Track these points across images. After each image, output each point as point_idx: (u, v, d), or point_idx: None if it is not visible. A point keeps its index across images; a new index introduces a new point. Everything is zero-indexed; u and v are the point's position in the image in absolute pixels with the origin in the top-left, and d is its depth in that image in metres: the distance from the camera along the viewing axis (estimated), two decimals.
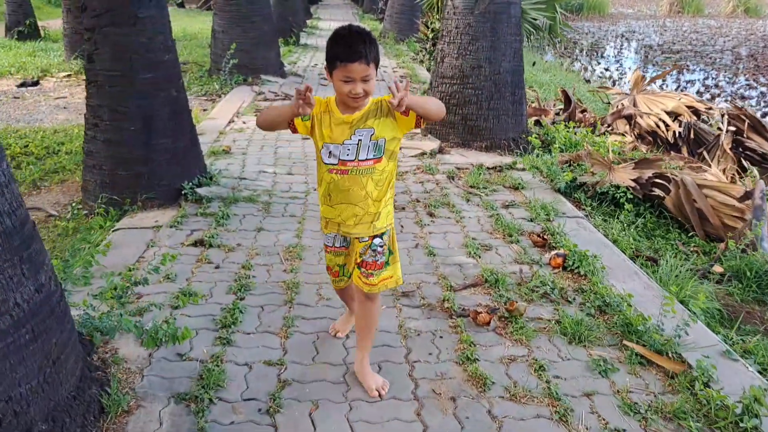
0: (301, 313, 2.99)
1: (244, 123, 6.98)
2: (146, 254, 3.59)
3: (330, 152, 2.21)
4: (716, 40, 24.66)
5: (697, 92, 14.92)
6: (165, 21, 4.32)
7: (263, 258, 3.58)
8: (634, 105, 7.92)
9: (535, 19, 10.54)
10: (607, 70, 16.39)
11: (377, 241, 2.34)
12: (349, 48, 2.07)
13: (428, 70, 11.80)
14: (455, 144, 5.83)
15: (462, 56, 5.72)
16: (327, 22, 21.89)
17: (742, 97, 13.78)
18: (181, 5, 28.62)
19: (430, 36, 12.18)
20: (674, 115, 7.44)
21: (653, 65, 17.56)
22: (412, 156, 5.63)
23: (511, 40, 5.72)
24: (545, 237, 3.88)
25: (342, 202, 2.27)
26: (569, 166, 5.08)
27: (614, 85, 14.42)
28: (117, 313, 2.59)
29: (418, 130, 6.30)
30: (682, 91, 14.75)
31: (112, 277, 3.15)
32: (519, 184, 4.89)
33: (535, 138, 5.41)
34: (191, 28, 17.63)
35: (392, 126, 2.22)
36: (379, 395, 2.42)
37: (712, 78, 16.72)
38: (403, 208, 4.42)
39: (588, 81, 14.54)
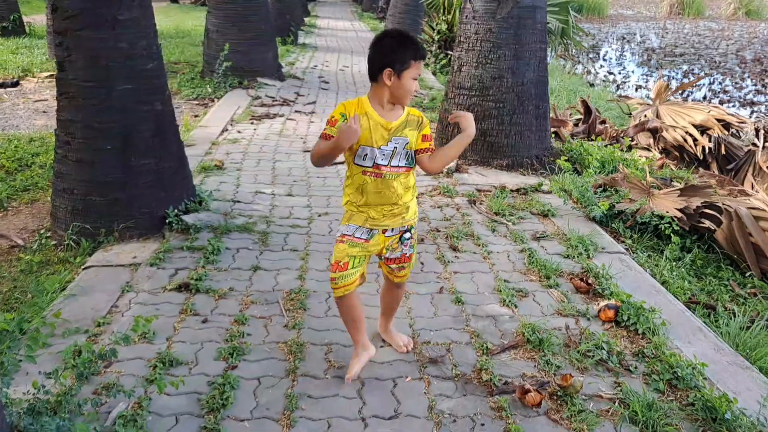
0: (307, 389, 2.43)
1: (239, 132, 6.41)
2: (120, 302, 3.01)
3: (366, 155, 2.25)
4: (719, 43, 24.53)
5: (704, 98, 14.60)
6: (149, 23, 3.74)
7: (260, 308, 3.02)
8: (658, 116, 7.40)
9: (548, 23, 10.00)
10: (610, 73, 15.98)
11: (407, 235, 2.44)
12: (420, 47, 2.20)
13: (434, 74, 11.27)
14: (473, 162, 5.28)
15: (482, 65, 5.16)
16: (325, 20, 21.32)
17: (752, 103, 13.48)
18: (175, 0, 27.96)
19: (436, 38, 11.65)
20: (702, 129, 6.93)
21: (657, 69, 17.19)
22: (427, 175, 5.08)
23: (536, 48, 5.18)
24: (588, 281, 3.33)
25: (374, 203, 2.32)
26: (603, 191, 4.53)
27: (618, 89, 14.00)
28: (75, 402, 2.02)
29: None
30: (688, 96, 14.37)
31: (76, 334, 2.60)
32: (548, 210, 4.34)
33: (565, 161, 4.87)
34: (184, 25, 17.01)
35: (417, 138, 2.30)
36: (407, 350, 2.69)
37: (719, 83, 16.40)
38: (422, 240, 3.86)
39: (592, 85, 14.11)
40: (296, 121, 7.06)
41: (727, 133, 6.95)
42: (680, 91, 10.10)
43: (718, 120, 6.93)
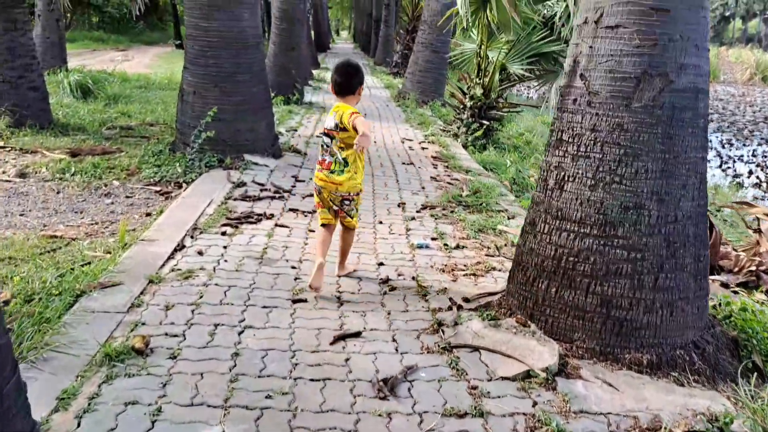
0: None
1: (200, 254, 4.20)
2: None
3: None
4: (744, 110, 23.90)
5: (749, 173, 13.09)
6: None
7: None
8: None
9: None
10: None
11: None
12: None
13: (464, 146, 9.18)
14: (588, 352, 3.02)
15: (604, 185, 2.98)
16: None
17: None
18: (180, 46, 26.43)
19: (469, 104, 9.59)
20: None
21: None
22: (508, 379, 2.83)
23: (696, 159, 3.02)
24: None
25: None
26: None
27: None
28: None
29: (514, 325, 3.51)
30: (727, 169, 12.73)
31: None
32: None
33: None
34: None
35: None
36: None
37: (762, 155, 14.99)
38: None
39: None
40: (289, 230, 4.87)
41: None
42: None
43: None
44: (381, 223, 5.21)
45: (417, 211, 5.61)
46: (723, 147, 15.66)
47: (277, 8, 11.83)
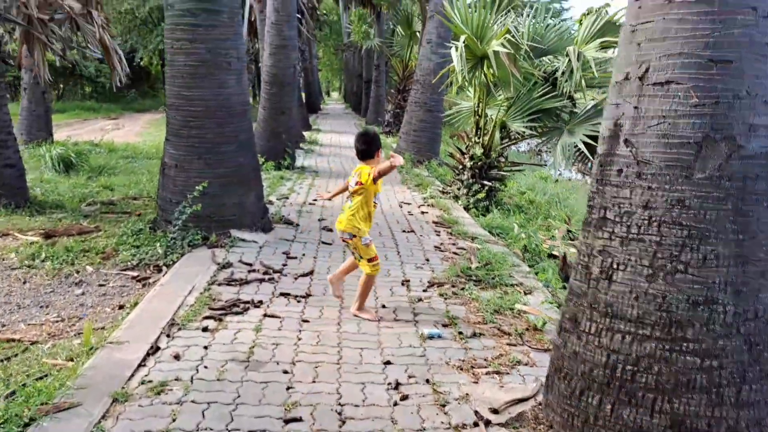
0: None
1: (176, 358, 3.58)
2: None
3: (378, 196, 4.34)
4: None
5: None
6: None
7: None
8: None
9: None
10: None
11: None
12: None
13: (466, 209, 8.68)
14: None
15: (665, 274, 2.42)
16: (328, 135, 19.26)
17: None
18: None
19: (469, 164, 9.15)
20: None
21: None
22: None
23: None
24: None
25: (371, 219, 4.31)
26: None
27: None
28: None
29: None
30: None
31: None
32: None
33: None
34: None
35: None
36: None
37: None
38: None
39: None
40: (280, 321, 4.25)
41: None
42: None
43: None
44: (384, 306, 4.62)
45: (423, 290, 5.03)
46: None
47: (266, 72, 11.54)
